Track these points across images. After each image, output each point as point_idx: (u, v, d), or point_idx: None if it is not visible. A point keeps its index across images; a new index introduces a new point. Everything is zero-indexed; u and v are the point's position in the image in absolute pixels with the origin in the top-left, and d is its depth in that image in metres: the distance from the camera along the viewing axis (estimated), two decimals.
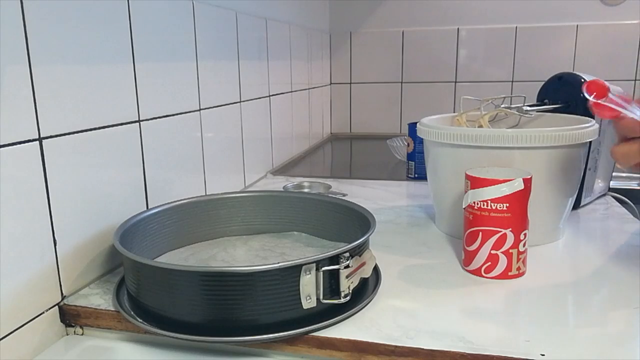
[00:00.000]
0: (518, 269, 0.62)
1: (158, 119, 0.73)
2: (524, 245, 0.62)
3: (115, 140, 0.64)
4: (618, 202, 0.93)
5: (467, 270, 0.63)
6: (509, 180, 0.60)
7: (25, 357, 0.51)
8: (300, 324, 0.49)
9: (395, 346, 0.47)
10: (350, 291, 0.51)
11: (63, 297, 0.56)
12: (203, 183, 0.87)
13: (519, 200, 0.60)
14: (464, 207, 0.63)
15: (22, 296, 0.51)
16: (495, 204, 0.60)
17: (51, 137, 0.53)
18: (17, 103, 0.49)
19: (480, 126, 0.83)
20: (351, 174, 1.34)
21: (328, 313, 0.50)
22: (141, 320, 0.51)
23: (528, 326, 0.50)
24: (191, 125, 0.83)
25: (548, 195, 0.69)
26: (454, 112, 0.87)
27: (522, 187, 0.60)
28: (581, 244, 0.72)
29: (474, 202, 0.61)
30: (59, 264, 0.55)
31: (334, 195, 0.85)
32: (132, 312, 0.53)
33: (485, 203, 0.60)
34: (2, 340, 0.48)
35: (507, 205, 0.60)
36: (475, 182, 0.61)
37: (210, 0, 0.88)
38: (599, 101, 0.56)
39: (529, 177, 0.61)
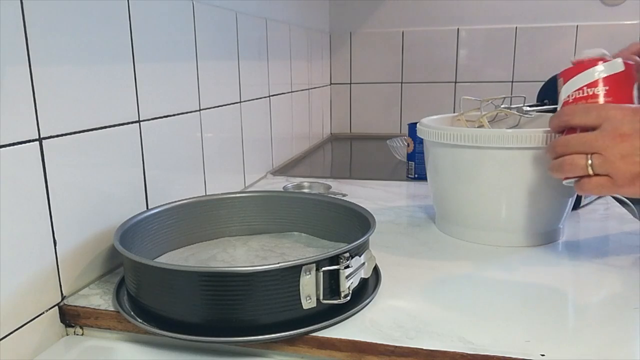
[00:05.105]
0: None
1: (158, 119, 0.73)
2: None
3: (115, 140, 0.64)
4: (618, 202, 0.93)
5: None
6: (606, 61, 0.52)
7: (25, 358, 0.51)
8: (300, 324, 0.49)
9: (395, 346, 0.47)
10: (350, 291, 0.51)
11: (63, 298, 0.56)
12: (203, 183, 0.87)
13: (621, 86, 0.52)
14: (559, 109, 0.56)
15: (22, 296, 0.51)
16: (592, 89, 0.52)
17: (51, 137, 0.53)
18: (17, 103, 0.49)
19: (481, 126, 0.83)
20: (351, 174, 1.34)
21: (328, 313, 0.50)
22: (141, 321, 0.51)
23: (528, 326, 0.50)
24: (191, 125, 0.83)
25: (548, 195, 0.69)
26: (454, 112, 0.87)
27: (622, 68, 0.52)
28: (581, 244, 0.72)
29: (569, 96, 0.54)
30: (59, 264, 0.55)
31: (334, 196, 0.85)
32: (132, 312, 0.53)
33: (580, 91, 0.53)
34: (2, 341, 0.48)
35: (607, 88, 0.52)
36: (567, 74, 0.55)
37: (210, 0, 0.88)
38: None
39: (632, 63, 0.54)
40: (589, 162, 0.52)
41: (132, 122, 0.67)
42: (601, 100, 0.54)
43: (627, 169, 0.50)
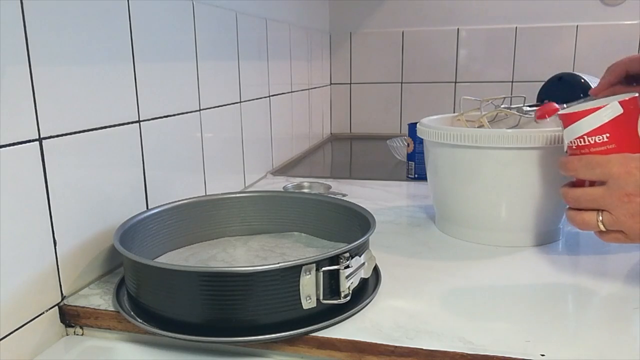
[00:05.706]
0: None
1: (158, 119, 0.73)
2: None
3: (115, 140, 0.64)
4: None
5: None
6: (601, 107, 0.52)
7: (25, 358, 0.51)
8: (300, 324, 0.49)
9: (395, 346, 0.47)
10: (350, 291, 0.51)
11: (63, 298, 0.56)
12: (203, 183, 0.87)
13: (623, 128, 0.52)
14: (565, 151, 0.58)
15: (22, 296, 0.51)
16: (593, 138, 0.53)
17: (51, 137, 0.53)
18: (17, 103, 0.49)
19: (481, 126, 0.83)
20: (351, 174, 1.34)
21: (328, 313, 0.50)
22: (141, 321, 0.51)
23: (528, 326, 0.50)
24: (191, 125, 0.83)
25: (548, 195, 0.69)
26: (454, 112, 0.87)
27: (620, 110, 0.52)
28: (581, 244, 0.72)
29: (572, 142, 0.55)
30: (59, 264, 0.55)
31: (334, 196, 0.85)
32: (132, 312, 0.53)
33: (581, 140, 0.53)
34: (2, 341, 0.48)
35: (608, 135, 0.52)
36: (566, 119, 0.55)
37: (210, 0, 0.88)
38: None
39: (628, 98, 0.53)
40: (600, 218, 0.53)
41: (132, 122, 0.67)
42: (604, 147, 0.53)
43: (638, 227, 0.51)
